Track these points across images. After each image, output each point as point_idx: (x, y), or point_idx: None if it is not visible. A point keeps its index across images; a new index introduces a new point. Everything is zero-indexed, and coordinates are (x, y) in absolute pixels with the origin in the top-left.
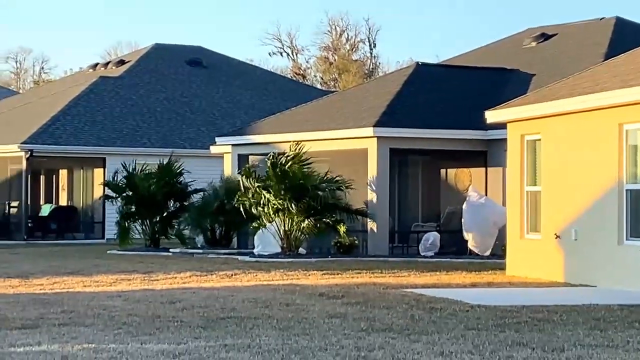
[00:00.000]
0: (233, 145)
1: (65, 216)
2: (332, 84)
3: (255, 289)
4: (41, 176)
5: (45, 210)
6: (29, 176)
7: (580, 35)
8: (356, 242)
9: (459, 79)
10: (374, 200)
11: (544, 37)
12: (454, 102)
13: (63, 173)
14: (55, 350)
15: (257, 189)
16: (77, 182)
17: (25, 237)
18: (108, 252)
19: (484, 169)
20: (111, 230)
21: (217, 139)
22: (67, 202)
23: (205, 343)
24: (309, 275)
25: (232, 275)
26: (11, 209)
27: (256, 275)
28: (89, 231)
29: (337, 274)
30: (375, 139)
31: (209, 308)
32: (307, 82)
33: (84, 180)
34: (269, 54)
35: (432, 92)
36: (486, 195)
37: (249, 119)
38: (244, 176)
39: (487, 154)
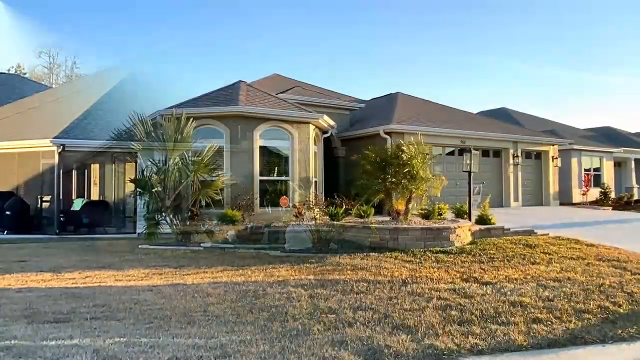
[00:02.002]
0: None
1: (97, 210)
2: None
3: (285, 283)
4: (73, 170)
5: (77, 204)
6: (61, 170)
7: None
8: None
9: None
10: None
11: None
12: None
13: (95, 167)
14: (87, 343)
15: None
16: (108, 177)
17: (57, 231)
18: (139, 246)
19: None
20: (143, 225)
21: None
22: (99, 197)
23: (237, 337)
24: (340, 270)
25: (263, 269)
26: (43, 204)
27: (287, 270)
28: (120, 225)
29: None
30: None
31: (239, 302)
32: None
33: (115, 174)
34: None
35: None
36: None
37: None
38: None
39: None
